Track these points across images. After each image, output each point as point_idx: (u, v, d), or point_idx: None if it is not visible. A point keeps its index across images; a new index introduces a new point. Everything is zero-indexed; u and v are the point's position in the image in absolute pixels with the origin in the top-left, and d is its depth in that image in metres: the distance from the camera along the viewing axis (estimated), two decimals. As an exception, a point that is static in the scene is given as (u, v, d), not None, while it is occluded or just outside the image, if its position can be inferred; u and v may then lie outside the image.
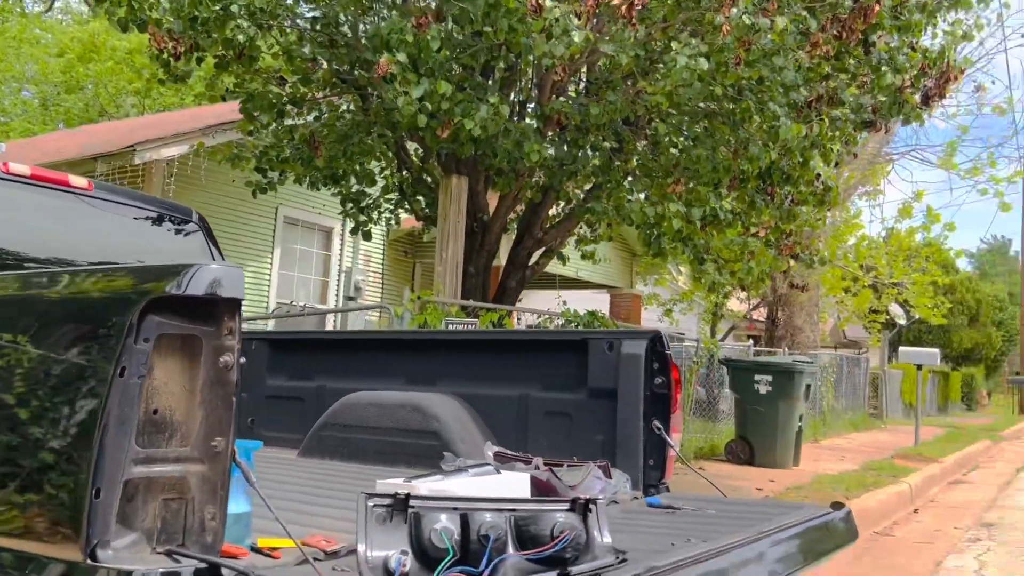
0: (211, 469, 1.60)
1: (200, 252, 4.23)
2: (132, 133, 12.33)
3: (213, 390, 1.60)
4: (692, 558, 1.82)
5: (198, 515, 1.60)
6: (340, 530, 2.07)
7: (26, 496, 1.56)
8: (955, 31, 6.82)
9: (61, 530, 1.52)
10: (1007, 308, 42.94)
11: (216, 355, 1.61)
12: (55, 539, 1.53)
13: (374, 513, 1.47)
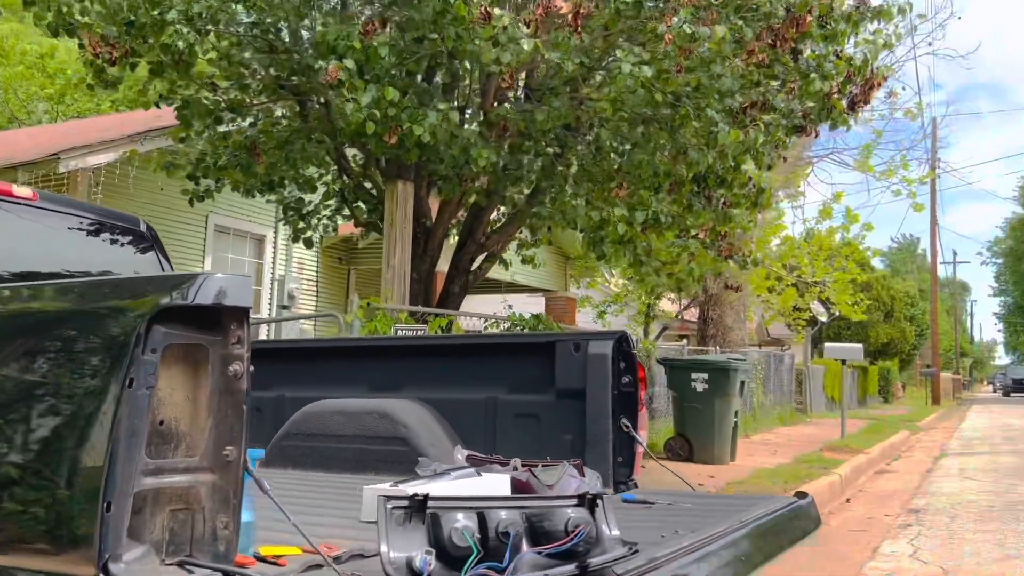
0: (222, 478, 1.59)
1: (150, 262, 4.13)
2: (53, 141, 11.90)
3: (223, 399, 1.60)
4: (690, 546, 1.89)
5: (209, 524, 1.59)
6: (327, 536, 2.07)
7: (36, 512, 1.53)
8: (876, 40, 7.15)
9: (72, 545, 1.50)
10: (918, 304, 44.90)
11: (224, 364, 1.60)
12: (66, 555, 1.51)
13: (393, 515, 1.49)
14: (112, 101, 25.14)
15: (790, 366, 22.41)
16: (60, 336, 1.62)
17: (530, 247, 9.51)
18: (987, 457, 13.16)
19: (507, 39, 5.19)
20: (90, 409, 1.52)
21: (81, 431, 1.52)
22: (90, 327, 1.59)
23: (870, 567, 5.55)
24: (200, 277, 1.57)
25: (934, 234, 34.82)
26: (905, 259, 75.70)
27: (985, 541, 6.29)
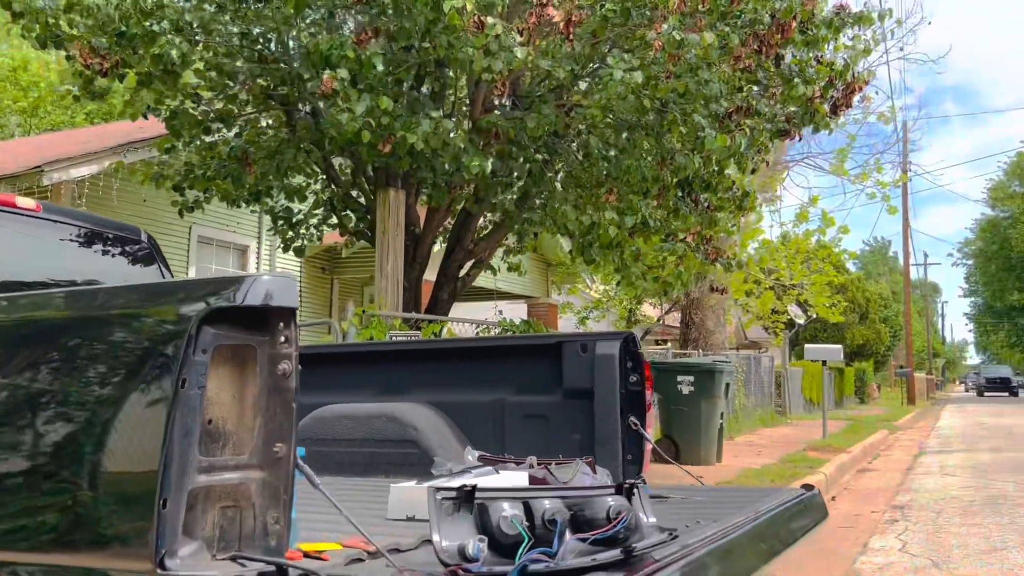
0: (272, 475, 1.63)
1: (152, 272, 4.15)
2: (33, 153, 11.80)
3: (272, 397, 1.64)
4: (716, 534, 1.96)
5: (260, 520, 1.63)
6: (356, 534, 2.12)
7: (94, 510, 1.56)
8: (856, 45, 7.31)
9: (129, 542, 1.54)
10: (891, 305, 45.53)
11: (273, 363, 1.65)
12: (124, 551, 1.54)
13: (443, 505, 1.55)
14: (86, 113, 24.94)
15: (769, 368, 22.65)
16: (114, 339, 1.65)
17: (516, 253, 9.58)
18: (965, 454, 13.38)
19: (498, 47, 5.26)
20: (145, 409, 1.56)
21: (137, 430, 1.56)
22: (143, 330, 1.63)
23: (862, 561, 5.66)
24: (249, 279, 1.62)
25: (906, 236, 35.35)
26: (877, 261, 76.74)
27: (971, 535, 6.43)
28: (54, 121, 25.74)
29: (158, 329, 1.62)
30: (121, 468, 1.57)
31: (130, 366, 1.60)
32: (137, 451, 1.55)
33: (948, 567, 5.36)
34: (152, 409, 1.55)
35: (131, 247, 4.13)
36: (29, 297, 1.93)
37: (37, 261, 3.72)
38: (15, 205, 3.68)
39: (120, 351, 1.63)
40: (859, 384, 35.60)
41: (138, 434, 1.56)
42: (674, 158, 6.62)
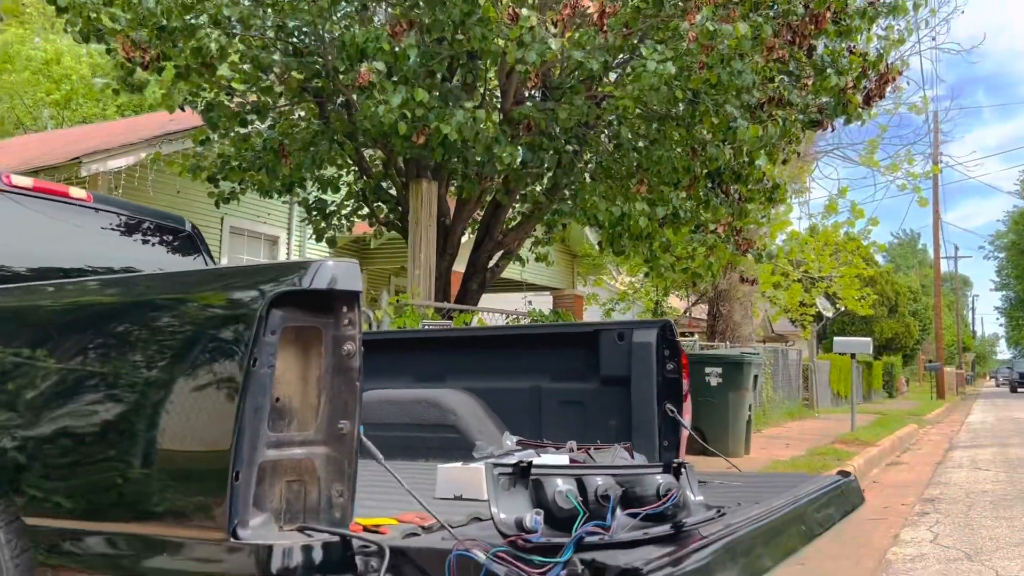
0: (337, 450, 1.71)
1: (197, 259, 4.25)
2: (67, 145, 12.02)
3: (336, 377, 1.72)
4: (761, 514, 2.01)
5: (324, 494, 1.71)
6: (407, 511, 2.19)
7: (172, 483, 1.65)
8: (889, 36, 7.26)
9: (204, 512, 1.62)
10: (920, 299, 45.03)
11: (337, 344, 1.72)
12: (199, 521, 1.63)
13: (500, 480, 1.61)
14: (117, 106, 25.29)
15: (796, 361, 22.54)
16: (190, 321, 1.74)
17: (544, 244, 9.62)
18: (996, 449, 13.26)
19: (532, 39, 5.30)
20: (219, 387, 1.64)
21: (211, 408, 1.64)
22: (216, 311, 1.71)
23: (892, 552, 5.67)
24: (314, 265, 1.69)
25: (937, 229, 34.94)
26: (907, 254, 75.85)
27: (1002, 527, 6.41)
28: (85, 114, 26.13)
29: (230, 311, 1.70)
30: (197, 443, 1.65)
31: (204, 346, 1.69)
32: (211, 427, 1.63)
33: (980, 559, 5.35)
34: (225, 387, 1.63)
35: (176, 236, 4.24)
36: (106, 282, 2.03)
37: (89, 249, 3.84)
38: (68, 195, 3.80)
39: (195, 332, 1.72)
40: (887, 378, 35.29)
41: (212, 411, 1.64)
42: (705, 149, 6.63)
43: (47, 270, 3.55)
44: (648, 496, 1.74)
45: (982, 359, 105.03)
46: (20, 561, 1.91)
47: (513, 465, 1.63)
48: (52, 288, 2.15)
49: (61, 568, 1.87)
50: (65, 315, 2.03)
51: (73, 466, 1.82)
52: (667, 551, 1.64)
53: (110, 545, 1.78)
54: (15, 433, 1.95)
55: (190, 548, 1.64)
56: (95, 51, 26.91)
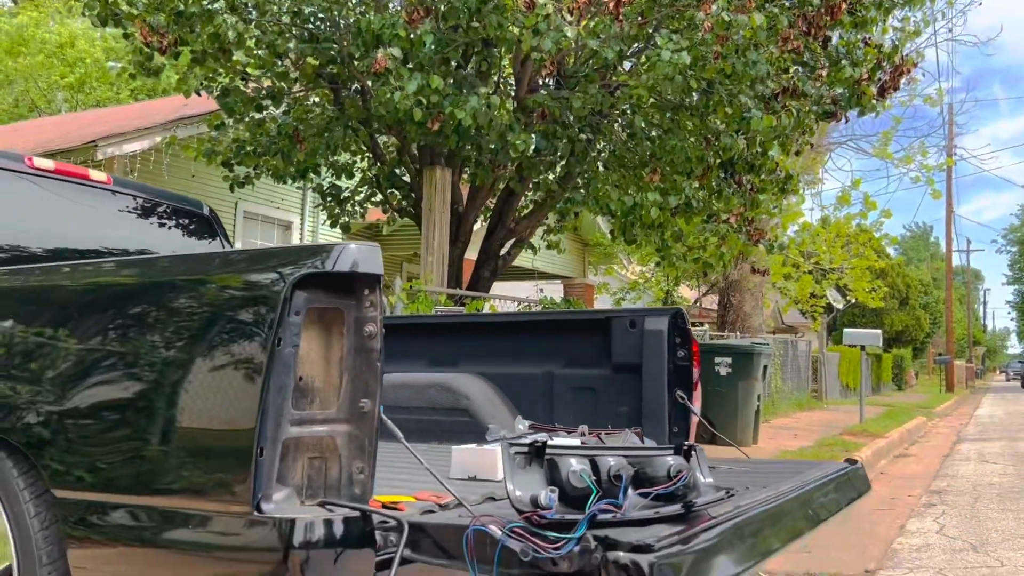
0: (358, 428, 1.76)
1: (215, 243, 4.31)
2: (84, 129, 12.10)
3: (358, 357, 1.77)
4: (769, 497, 2.06)
5: (345, 471, 1.76)
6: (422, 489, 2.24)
7: (199, 458, 1.70)
8: (905, 27, 7.25)
9: (229, 487, 1.67)
10: (932, 292, 44.85)
11: (360, 326, 1.77)
12: (224, 496, 1.68)
13: (516, 459, 1.66)
14: (131, 90, 25.38)
15: (806, 353, 22.53)
16: (216, 301, 1.79)
17: (556, 233, 9.65)
18: (1005, 443, 13.26)
19: (547, 27, 5.32)
20: (245, 365, 1.69)
21: (238, 385, 1.69)
22: (243, 293, 1.77)
23: (899, 542, 5.71)
24: (337, 248, 1.74)
25: (949, 222, 34.77)
26: (919, 247, 75.48)
27: (1009, 519, 6.44)
28: (99, 97, 26.24)
29: (256, 292, 1.75)
30: (223, 420, 1.70)
31: (231, 326, 1.74)
32: (237, 405, 1.68)
33: (985, 550, 5.39)
34: (251, 366, 1.69)
35: (194, 220, 4.30)
36: (132, 262, 2.08)
37: (108, 231, 3.90)
38: (88, 178, 3.85)
39: (221, 313, 1.77)
40: (897, 371, 35.22)
41: (238, 389, 1.69)
42: (719, 139, 6.65)
43: (67, 251, 3.62)
44: (659, 477, 1.79)
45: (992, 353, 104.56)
46: (48, 533, 1.97)
47: (528, 444, 1.68)
48: (85, 268, 2.21)
49: (87, 539, 1.93)
50: (105, 296, 2.09)
51: (104, 442, 1.88)
52: (677, 529, 1.69)
53: (136, 518, 1.84)
54: (42, 408, 2.01)
55: (215, 521, 1.70)
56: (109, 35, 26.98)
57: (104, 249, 3.81)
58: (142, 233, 4.06)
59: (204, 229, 4.34)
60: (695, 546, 1.67)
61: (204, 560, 1.77)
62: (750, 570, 1.91)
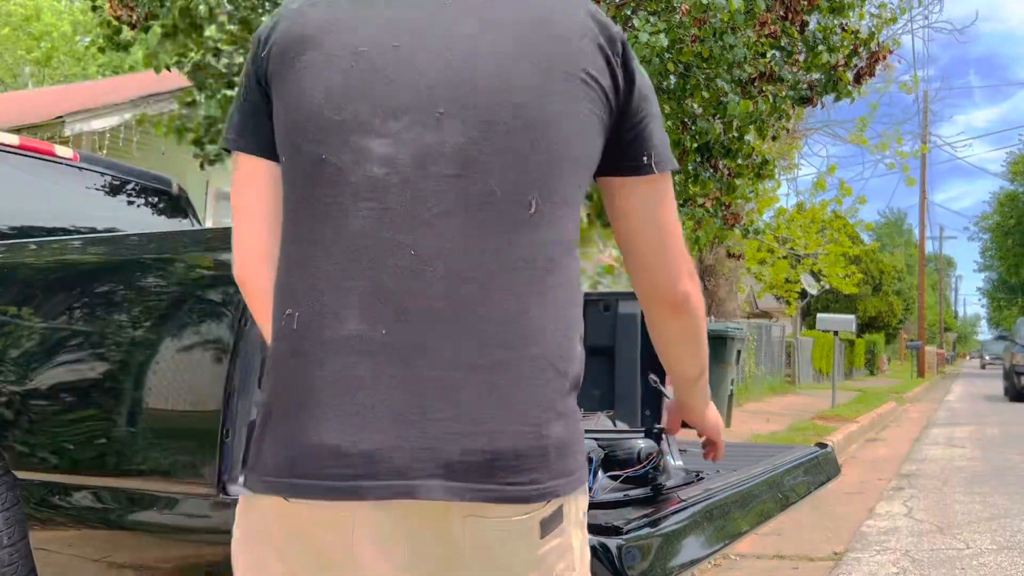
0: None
1: (185, 221, 4.25)
2: (52, 104, 11.89)
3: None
4: (739, 480, 2.07)
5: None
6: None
7: (165, 439, 1.67)
8: (882, 13, 7.27)
9: (196, 469, 1.65)
10: (905, 278, 45.41)
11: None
12: (190, 477, 1.66)
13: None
14: (99, 65, 24.99)
15: (780, 338, 22.76)
16: (184, 280, 1.75)
17: (533, 215, 9.61)
18: (973, 427, 13.48)
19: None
20: (212, 346, 1.66)
21: (205, 366, 1.66)
22: (211, 272, 1.73)
23: (867, 525, 5.80)
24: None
25: (923, 209, 35.16)
26: (892, 233, 76.35)
27: (976, 503, 6.55)
28: (66, 72, 25.79)
29: (224, 271, 1.72)
30: (189, 401, 1.68)
31: (198, 306, 1.71)
32: (203, 385, 1.66)
33: (952, 531, 5.48)
34: (218, 346, 1.66)
35: (164, 197, 4.23)
36: (95, 240, 2.04)
37: (75, 209, 3.82)
38: (53, 154, 3.77)
39: (189, 291, 1.74)
40: (869, 356, 35.70)
41: (205, 370, 1.66)
42: (695, 122, 6.64)
43: (32, 229, 3.54)
44: (629, 460, 1.78)
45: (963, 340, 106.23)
46: (10, 514, 1.94)
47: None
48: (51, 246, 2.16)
49: (50, 521, 1.90)
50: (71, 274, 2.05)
51: (67, 423, 1.85)
52: (646, 512, 1.69)
53: (100, 499, 1.82)
54: (4, 388, 1.97)
55: (180, 503, 1.67)
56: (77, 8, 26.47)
57: (71, 227, 3.74)
58: (109, 211, 3.98)
59: (173, 207, 4.27)
60: (664, 529, 1.67)
61: (169, 542, 1.75)
62: (719, 552, 1.92)
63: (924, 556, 4.85)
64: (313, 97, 1.10)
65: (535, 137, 1.10)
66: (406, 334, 1.05)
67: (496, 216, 1.09)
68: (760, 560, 4.81)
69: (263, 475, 1.08)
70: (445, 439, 1.04)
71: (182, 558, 1.70)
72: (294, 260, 1.10)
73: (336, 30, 1.13)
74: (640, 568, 1.58)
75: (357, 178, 1.08)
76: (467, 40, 1.12)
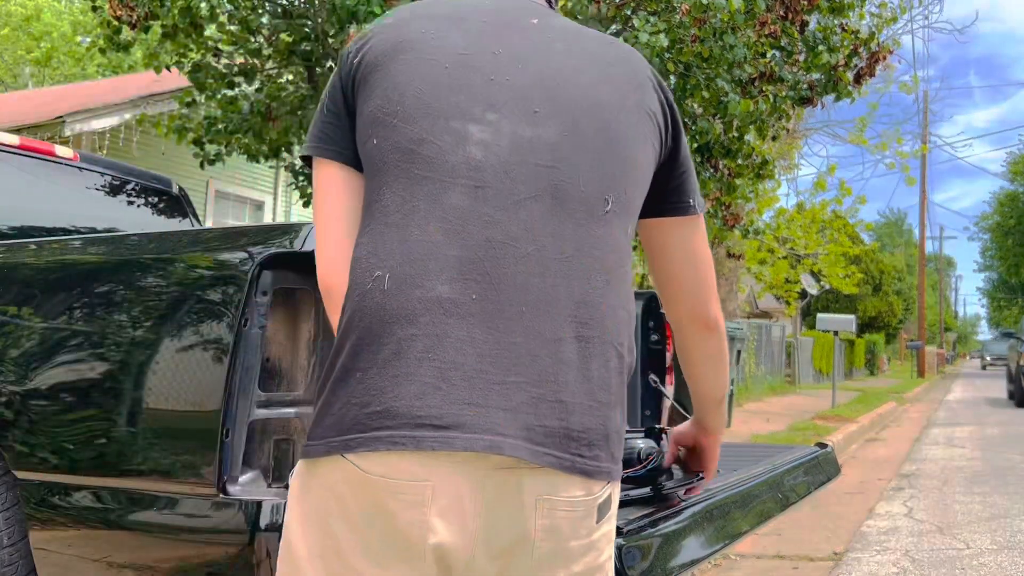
0: (325, 411, 1.73)
1: (185, 221, 4.25)
2: (52, 104, 11.89)
3: (326, 338, 1.74)
4: (739, 481, 2.07)
5: (313, 453, 1.74)
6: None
7: (164, 439, 1.67)
8: (882, 13, 7.27)
9: (196, 469, 1.65)
10: (905, 278, 45.40)
11: (327, 306, 1.74)
12: (190, 477, 1.66)
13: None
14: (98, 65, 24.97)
15: (780, 338, 22.76)
16: (183, 280, 1.75)
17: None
18: (973, 427, 13.48)
19: (525, 8, 5.27)
20: (212, 346, 1.66)
21: (204, 366, 1.66)
22: (210, 272, 1.73)
23: (867, 525, 5.80)
24: (307, 227, 1.71)
25: (923, 209, 35.14)
26: (892, 233, 76.37)
27: (976, 503, 6.55)
28: (66, 73, 25.77)
29: (223, 271, 1.72)
30: (189, 401, 1.67)
31: (198, 305, 1.71)
32: (203, 385, 1.65)
33: (952, 532, 5.48)
34: (217, 346, 1.66)
35: (164, 197, 4.23)
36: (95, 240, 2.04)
37: (75, 209, 3.82)
38: (53, 154, 3.77)
39: (188, 291, 1.73)
40: (869, 356, 35.69)
41: (204, 369, 1.66)
42: (695, 122, 6.64)
43: (32, 229, 3.54)
44: (630, 459, 1.78)
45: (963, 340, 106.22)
46: (10, 514, 1.94)
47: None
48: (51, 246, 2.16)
49: (50, 521, 1.90)
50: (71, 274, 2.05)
51: (68, 423, 1.85)
52: (646, 512, 1.69)
53: (100, 499, 1.81)
54: (4, 388, 1.97)
55: (180, 503, 1.67)
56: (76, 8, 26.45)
57: (71, 227, 3.74)
58: (109, 211, 3.98)
59: (173, 208, 4.27)
60: (664, 528, 1.67)
61: (169, 542, 1.74)
62: (719, 552, 1.91)
63: (924, 556, 4.85)
64: (415, 86, 1.20)
65: (614, 146, 1.23)
66: (494, 301, 1.11)
67: (579, 207, 1.18)
68: (760, 560, 4.81)
69: (340, 433, 1.08)
70: (524, 403, 1.09)
71: (182, 558, 1.70)
72: (382, 229, 1.15)
73: (435, 37, 1.24)
74: (640, 568, 1.58)
75: (456, 158, 1.16)
76: (557, 58, 1.26)
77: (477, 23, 1.26)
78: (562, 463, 1.09)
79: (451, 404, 1.07)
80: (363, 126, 1.22)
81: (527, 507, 1.09)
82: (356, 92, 1.24)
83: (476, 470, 1.07)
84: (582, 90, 1.23)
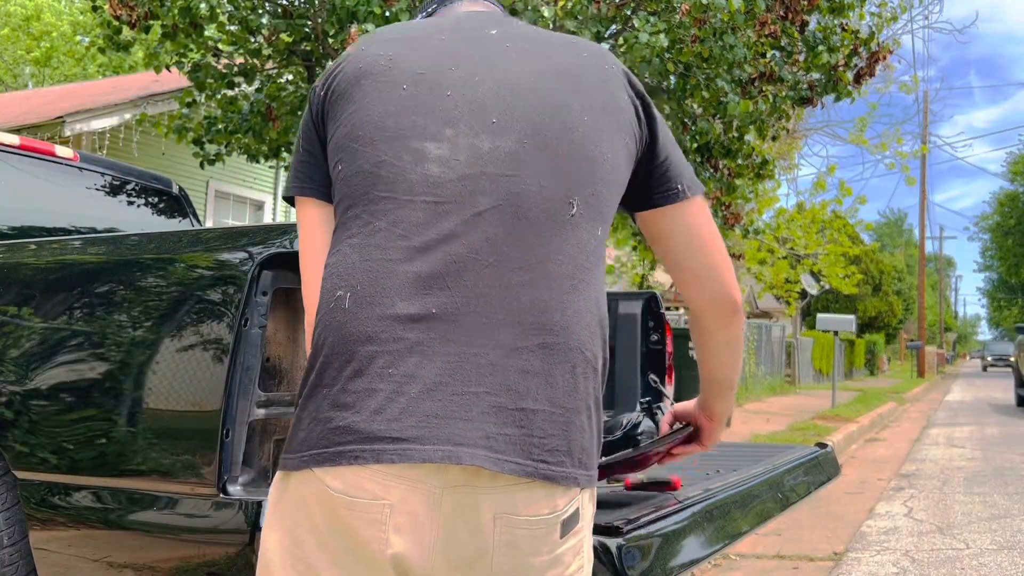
0: (325, 410, 1.73)
1: (185, 221, 4.25)
2: (52, 104, 11.89)
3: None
4: (739, 480, 2.07)
5: (312, 453, 1.74)
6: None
7: (165, 439, 1.67)
8: (882, 13, 7.27)
9: (196, 469, 1.65)
10: (905, 278, 45.40)
11: (327, 306, 1.74)
12: (190, 477, 1.65)
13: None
14: (99, 65, 24.97)
15: (780, 338, 22.76)
16: (183, 280, 1.75)
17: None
18: (973, 427, 13.48)
19: (524, 7, 5.28)
20: (212, 345, 1.66)
21: (204, 365, 1.66)
22: (210, 271, 1.73)
23: (867, 525, 5.79)
24: (305, 226, 1.70)
25: (923, 209, 35.13)
26: (892, 233, 76.38)
27: (976, 503, 6.55)
28: (66, 73, 25.77)
29: (223, 271, 1.72)
30: (189, 401, 1.67)
31: (198, 305, 1.70)
32: (203, 385, 1.65)
33: (952, 532, 5.48)
34: (217, 346, 1.65)
35: (164, 198, 4.23)
36: (95, 240, 2.04)
37: (75, 209, 3.82)
38: (53, 154, 3.77)
39: (188, 291, 1.73)
40: (869, 356, 35.69)
41: (204, 369, 1.66)
42: (695, 123, 6.64)
43: (32, 229, 3.54)
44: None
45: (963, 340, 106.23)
46: (10, 514, 1.93)
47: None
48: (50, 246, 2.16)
49: (50, 521, 1.90)
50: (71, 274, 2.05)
51: (68, 423, 1.85)
52: (646, 511, 1.69)
53: (100, 499, 1.81)
54: (4, 389, 1.97)
55: (180, 503, 1.67)
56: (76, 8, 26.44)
57: (71, 227, 3.74)
58: (109, 211, 3.98)
59: (173, 208, 4.27)
60: (664, 528, 1.67)
61: (169, 542, 1.74)
62: (719, 552, 1.91)
63: (924, 556, 4.85)
64: (375, 110, 1.23)
65: (578, 147, 1.23)
66: (454, 315, 1.12)
67: (541, 214, 1.19)
68: (760, 560, 4.81)
69: (309, 448, 1.11)
70: (484, 413, 1.10)
71: (182, 558, 1.70)
72: (346, 251, 1.17)
73: (395, 60, 1.26)
74: (640, 568, 1.58)
75: (415, 176, 1.18)
76: (515, 66, 1.27)
77: (435, 41, 1.29)
78: (524, 469, 1.10)
79: (409, 417, 1.08)
80: (331, 154, 1.26)
81: (485, 524, 1.10)
82: (326, 124, 1.28)
83: (433, 488, 1.09)
84: (540, 94, 1.24)
